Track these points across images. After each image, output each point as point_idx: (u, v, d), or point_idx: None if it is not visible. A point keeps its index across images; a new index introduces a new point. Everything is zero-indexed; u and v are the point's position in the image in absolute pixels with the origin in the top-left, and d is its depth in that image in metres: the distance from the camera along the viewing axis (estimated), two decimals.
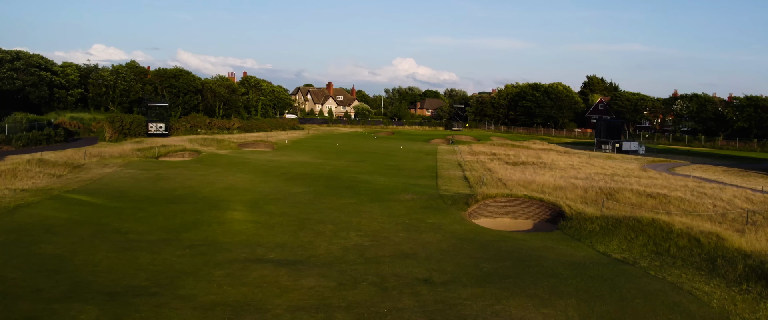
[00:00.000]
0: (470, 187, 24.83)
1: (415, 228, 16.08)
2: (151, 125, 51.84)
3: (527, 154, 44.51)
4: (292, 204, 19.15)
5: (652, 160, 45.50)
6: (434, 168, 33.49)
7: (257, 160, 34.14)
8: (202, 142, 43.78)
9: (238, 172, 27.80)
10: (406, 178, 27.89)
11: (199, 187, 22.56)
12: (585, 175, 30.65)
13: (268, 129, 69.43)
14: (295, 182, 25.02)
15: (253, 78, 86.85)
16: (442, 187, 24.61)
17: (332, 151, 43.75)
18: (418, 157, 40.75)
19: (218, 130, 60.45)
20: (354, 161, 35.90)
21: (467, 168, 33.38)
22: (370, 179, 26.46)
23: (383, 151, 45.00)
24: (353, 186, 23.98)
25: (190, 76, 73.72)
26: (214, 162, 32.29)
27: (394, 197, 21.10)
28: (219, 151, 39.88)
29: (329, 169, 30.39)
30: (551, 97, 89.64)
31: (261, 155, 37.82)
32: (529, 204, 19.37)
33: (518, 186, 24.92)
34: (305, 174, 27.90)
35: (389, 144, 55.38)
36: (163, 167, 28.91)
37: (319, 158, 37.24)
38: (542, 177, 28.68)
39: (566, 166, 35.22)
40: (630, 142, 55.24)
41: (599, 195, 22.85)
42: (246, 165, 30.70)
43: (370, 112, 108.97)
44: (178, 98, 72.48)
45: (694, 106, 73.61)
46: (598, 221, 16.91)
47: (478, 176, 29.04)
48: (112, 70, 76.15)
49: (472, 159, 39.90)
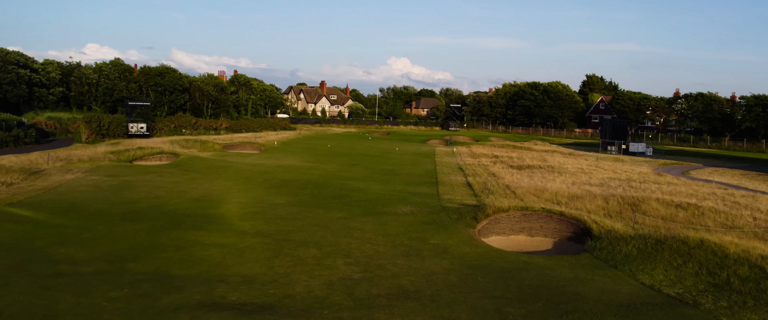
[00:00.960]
0: (476, 197, 22.10)
1: (417, 252, 13.34)
2: (132, 125, 48.90)
3: (531, 156, 41.85)
4: (270, 220, 16.35)
5: (663, 162, 42.94)
6: (433, 172, 30.77)
7: (240, 164, 31.32)
8: (184, 143, 40.89)
9: (216, 179, 24.97)
10: (404, 185, 25.14)
11: (166, 198, 19.72)
12: (599, 181, 28.00)
13: (258, 129, 66.54)
14: (279, 191, 22.21)
15: (243, 76, 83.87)
16: (445, 196, 21.87)
17: (323, 153, 40.96)
18: (415, 160, 38.01)
19: (204, 131, 57.54)
20: (346, 165, 33.13)
21: (469, 172, 30.67)
22: (363, 187, 23.70)
23: (378, 153, 42.24)
24: (344, 195, 21.21)
25: (176, 74, 70.67)
26: (192, 166, 29.45)
27: (391, 210, 18.34)
28: (201, 153, 37.02)
29: (318, 175, 27.61)
30: (551, 96, 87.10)
31: (245, 158, 34.97)
32: (547, 219, 16.66)
33: (529, 195, 22.23)
34: (291, 180, 25.10)
35: (384, 145, 52.62)
36: (134, 172, 26.05)
37: (308, 161, 34.44)
38: (553, 183, 26.00)
39: (576, 170, 32.57)
40: (637, 143, 52.70)
41: (622, 206, 20.18)
42: (226, 171, 27.87)
43: (364, 112, 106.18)
44: (163, 97, 69.44)
45: (699, 105, 71.11)
46: (633, 242, 14.22)
47: (483, 182, 26.32)
48: (96, 67, 73.03)
49: (474, 162, 37.20)
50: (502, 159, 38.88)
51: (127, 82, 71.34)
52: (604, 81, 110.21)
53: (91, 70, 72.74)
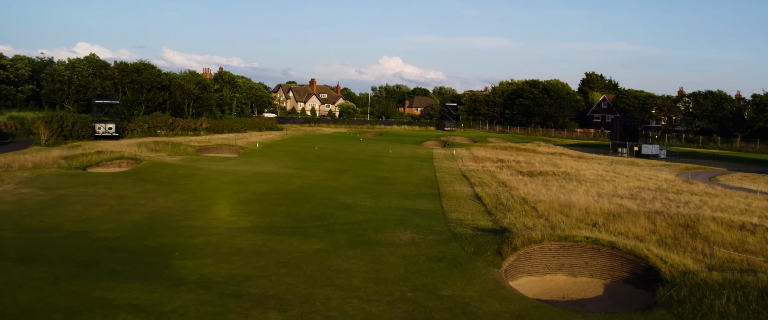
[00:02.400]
0: (489, 215, 18.00)
1: (426, 313, 9.20)
2: (99, 126, 44.40)
3: (540, 160, 37.82)
4: (223, 257, 12.15)
5: (683, 166, 39.04)
6: (434, 181, 26.65)
7: (210, 171, 27.05)
8: (154, 146, 36.50)
9: (175, 192, 20.70)
10: (400, 199, 20.99)
11: (99, 221, 15.46)
12: (627, 191, 24.00)
13: (242, 129, 62.13)
14: (247, 209, 18.00)
15: (227, 73, 79.36)
16: (452, 215, 17.74)
17: (309, 157, 36.73)
18: (411, 165, 33.87)
19: (182, 131, 53.09)
20: (333, 171, 28.94)
21: (475, 181, 26.57)
22: (351, 202, 19.53)
23: (370, 157, 38.07)
24: (327, 215, 17.03)
25: (154, 71, 66.12)
26: (151, 175, 25.14)
27: (386, 238, 14.19)
28: (169, 157, 32.68)
29: (299, 186, 23.39)
30: (551, 95, 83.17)
31: (219, 164, 30.68)
32: (594, 252, 12.57)
33: (554, 212, 18.17)
34: (265, 194, 20.88)
35: (376, 147, 48.44)
36: (78, 184, 21.72)
37: (290, 167, 30.22)
38: (577, 195, 21.97)
39: (595, 178, 28.57)
40: (649, 144, 48.83)
41: (675, 228, 16.14)
42: (191, 181, 23.60)
43: (355, 111, 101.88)
44: (140, 95, 64.92)
45: (709, 104, 67.36)
46: (725, 291, 10.18)
47: (494, 194, 22.23)
48: (68, 64, 68.29)
49: (477, 167, 33.12)
50: (508, 163, 34.83)
51: (102, 79, 66.81)
52: (603, 79, 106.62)
53: (63, 66, 68.02)
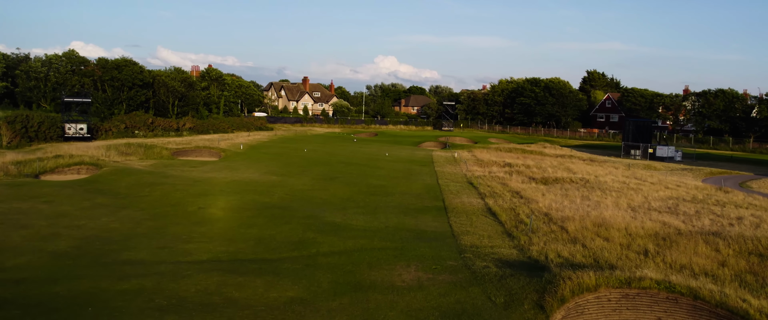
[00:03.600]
0: (510, 238, 14.60)
1: None
2: (69, 126, 40.76)
3: (550, 164, 34.46)
4: (155, 314, 8.66)
5: (708, 171, 35.74)
6: (437, 190, 23.23)
7: (181, 179, 23.54)
8: (125, 149, 32.92)
9: (128, 207, 17.19)
10: (400, 215, 17.57)
11: (12, 251, 11.96)
12: (662, 203, 20.66)
13: (228, 129, 58.56)
14: (210, 230, 14.53)
15: (215, 70, 75.67)
16: (465, 240, 14.33)
17: (296, 160, 33.25)
18: (410, 170, 30.45)
19: (162, 132, 49.46)
20: (322, 178, 25.48)
21: (485, 190, 23.16)
22: (340, 221, 16.09)
23: (364, 161, 34.63)
24: (308, 242, 13.58)
25: (136, 68, 62.44)
26: (109, 184, 21.61)
27: (383, 278, 10.75)
28: (139, 162, 29.14)
29: (281, 197, 19.92)
30: (553, 94, 79.84)
31: (193, 170, 27.16)
32: (670, 304, 9.17)
33: (589, 234, 14.81)
34: (238, 209, 17.40)
35: (371, 149, 44.98)
36: (15, 197, 18.17)
37: (274, 173, 26.75)
38: (606, 208, 18.63)
39: (618, 185, 25.23)
40: (664, 146, 45.57)
41: (745, 257, 12.80)
42: (153, 191, 20.08)
43: (350, 110, 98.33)
44: (121, 93, 61.24)
45: (720, 103, 64.17)
46: None
47: (510, 208, 18.84)
48: (45, 60, 64.51)
49: (484, 172, 29.74)
50: (517, 168, 31.46)
51: (81, 76, 63.11)
52: (605, 77, 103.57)
53: (40, 62, 64.21)
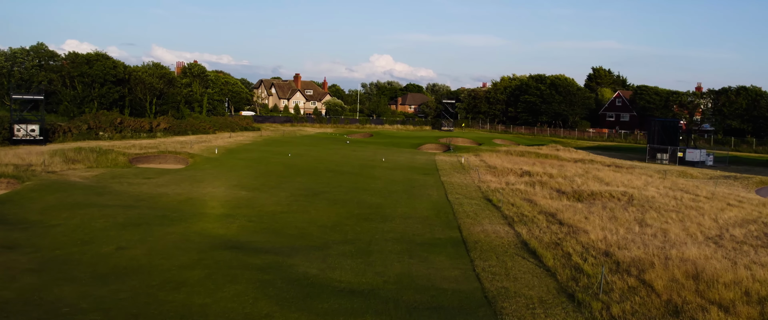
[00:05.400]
0: (574, 303, 9.57)
1: None
2: (18, 128, 35.55)
3: (575, 172, 29.44)
4: None
5: (758, 179, 30.81)
6: (449, 211, 18.18)
7: (122, 196, 18.42)
8: (73, 155, 27.74)
9: (18, 247, 12.07)
10: (403, 257, 12.50)
11: None
12: (744, 230, 15.72)
13: (209, 130, 53.39)
14: (112, 293, 9.43)
15: (197, 66, 70.33)
16: (504, 307, 9.28)
17: (276, 169, 28.16)
18: (411, 182, 25.40)
19: (132, 133, 44.22)
20: (303, 194, 20.40)
21: (509, 210, 18.12)
22: (315, 274, 11.03)
23: (356, 168, 29.57)
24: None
25: (108, 62, 57.11)
26: (22, 206, 16.47)
27: None
28: (84, 173, 23.99)
29: (240, 228, 14.83)
30: (559, 91, 74.87)
31: (144, 183, 22.00)
32: None
33: (690, 295, 9.86)
34: (171, 249, 12.28)
35: (366, 153, 39.89)
36: None
37: (244, 187, 21.67)
38: (687, 246, 13.66)
39: (670, 202, 20.27)
40: (694, 149, 40.69)
41: None
42: (72, 217, 14.93)
43: (343, 109, 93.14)
44: (92, 90, 55.93)
45: (742, 101, 59.39)
46: None
47: (552, 242, 13.81)
48: (9, 53, 59.11)
49: (500, 184, 24.72)
50: (538, 177, 26.45)
51: (49, 71, 57.82)
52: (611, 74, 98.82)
53: (3, 56, 58.78)
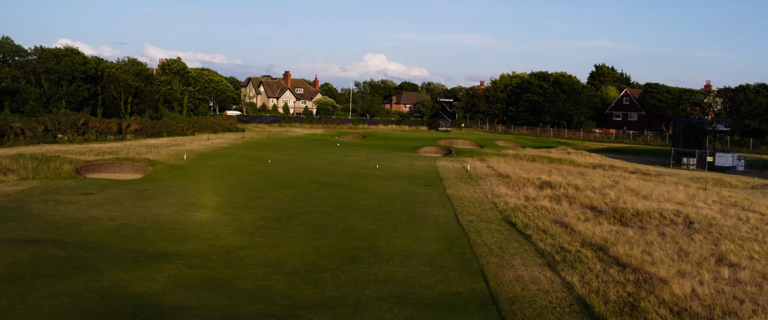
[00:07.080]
0: None
1: None
2: None
3: (603, 182, 25.09)
4: None
5: None
6: (464, 244, 13.79)
7: (42, 220, 13.95)
8: (8, 163, 23.18)
9: None
10: None
11: None
12: None
13: (187, 131, 48.83)
14: None
15: (176, 63, 65.67)
16: None
17: (249, 180, 23.72)
18: (412, 198, 21.00)
19: (97, 136, 39.61)
20: (275, 218, 15.98)
21: (543, 241, 13.75)
22: None
23: (345, 179, 25.18)
24: None
25: (78, 58, 52.55)
26: None
27: None
28: (10, 187, 19.45)
29: (169, 278, 10.38)
30: (564, 89, 70.77)
31: (77, 202, 17.48)
32: None
33: None
34: (82, 311, 7.82)
35: (358, 158, 35.49)
36: None
37: (202, 206, 17.23)
38: None
39: (738, 225, 15.99)
40: (723, 153, 36.56)
41: None
42: None
43: (335, 108, 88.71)
44: (59, 88, 51.31)
45: (762, 100, 55.48)
46: None
47: (621, 300, 9.44)
48: None
49: (518, 198, 20.38)
50: (563, 189, 22.12)
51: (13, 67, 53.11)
52: (615, 72, 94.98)
53: None
